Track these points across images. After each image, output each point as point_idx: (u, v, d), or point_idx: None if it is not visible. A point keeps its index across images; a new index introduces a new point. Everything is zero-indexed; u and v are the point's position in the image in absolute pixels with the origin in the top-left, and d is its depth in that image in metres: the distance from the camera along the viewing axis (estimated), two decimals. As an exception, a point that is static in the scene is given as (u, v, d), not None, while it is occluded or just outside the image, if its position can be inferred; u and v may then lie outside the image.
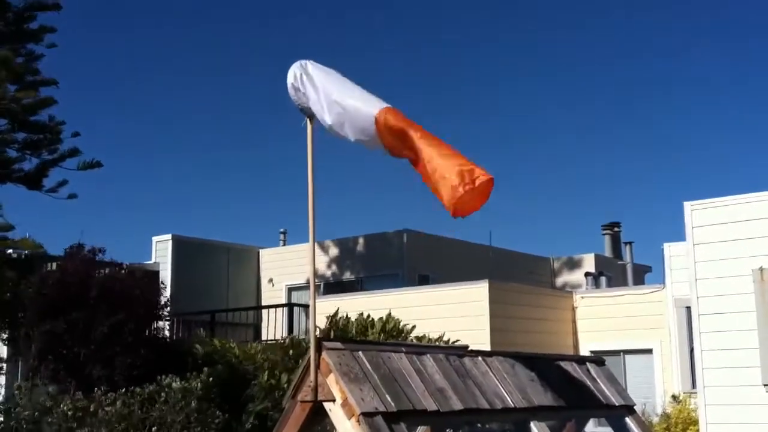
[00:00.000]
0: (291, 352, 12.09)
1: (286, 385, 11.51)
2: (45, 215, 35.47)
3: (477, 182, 4.61)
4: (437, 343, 11.79)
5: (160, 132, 42.94)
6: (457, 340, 12.49)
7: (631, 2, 39.91)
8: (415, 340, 12.29)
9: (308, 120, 5.50)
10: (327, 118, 5.27)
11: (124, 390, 11.28)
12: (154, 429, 10.52)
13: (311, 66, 5.45)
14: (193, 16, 41.38)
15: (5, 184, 17.25)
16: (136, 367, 12.63)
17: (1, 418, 12.66)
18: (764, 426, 11.77)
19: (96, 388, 11.73)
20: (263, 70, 39.49)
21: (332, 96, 5.26)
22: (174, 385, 10.87)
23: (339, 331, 12.33)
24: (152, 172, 44.26)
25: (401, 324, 12.85)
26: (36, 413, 11.52)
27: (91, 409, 10.93)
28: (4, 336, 15.17)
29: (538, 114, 43.65)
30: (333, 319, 12.81)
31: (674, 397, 15.76)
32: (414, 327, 13.07)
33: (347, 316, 12.92)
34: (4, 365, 15.50)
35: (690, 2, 40.49)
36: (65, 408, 11.06)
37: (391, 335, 12.43)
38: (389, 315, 13.00)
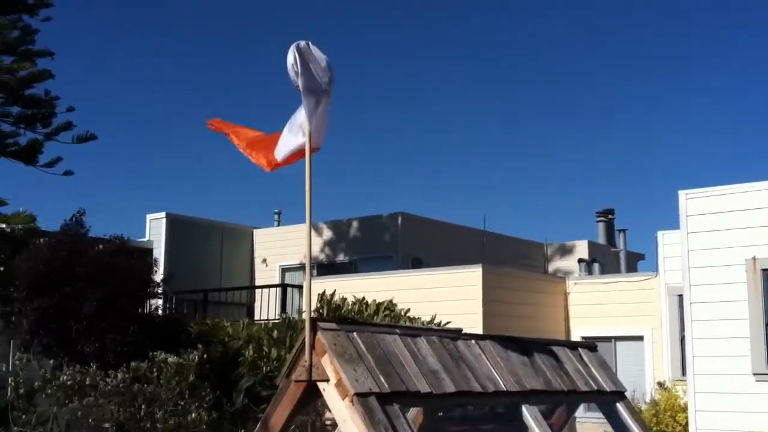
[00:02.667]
0: (276, 333, 12.07)
1: (274, 362, 11.54)
2: (39, 192, 35.44)
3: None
4: (430, 326, 11.81)
5: (155, 110, 42.80)
6: (448, 322, 12.49)
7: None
8: (408, 323, 12.29)
9: None
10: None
11: (123, 366, 11.25)
12: (143, 406, 10.44)
13: (310, 51, 5.41)
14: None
15: (0, 159, 17.22)
16: (126, 344, 12.57)
17: None
18: (753, 414, 11.87)
19: (91, 363, 11.66)
20: (259, 47, 39.32)
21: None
22: (170, 360, 10.85)
23: (330, 312, 12.30)
24: (148, 151, 44.18)
25: (397, 308, 12.84)
26: (37, 384, 11.48)
27: (88, 382, 10.85)
28: (-2, 311, 15.13)
29: (534, 99, 43.62)
30: (323, 298, 12.73)
31: (660, 384, 15.83)
32: (408, 310, 13.08)
33: (343, 297, 12.90)
34: None
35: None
36: (65, 378, 11.01)
37: (385, 318, 12.42)
38: (390, 302, 12.97)
